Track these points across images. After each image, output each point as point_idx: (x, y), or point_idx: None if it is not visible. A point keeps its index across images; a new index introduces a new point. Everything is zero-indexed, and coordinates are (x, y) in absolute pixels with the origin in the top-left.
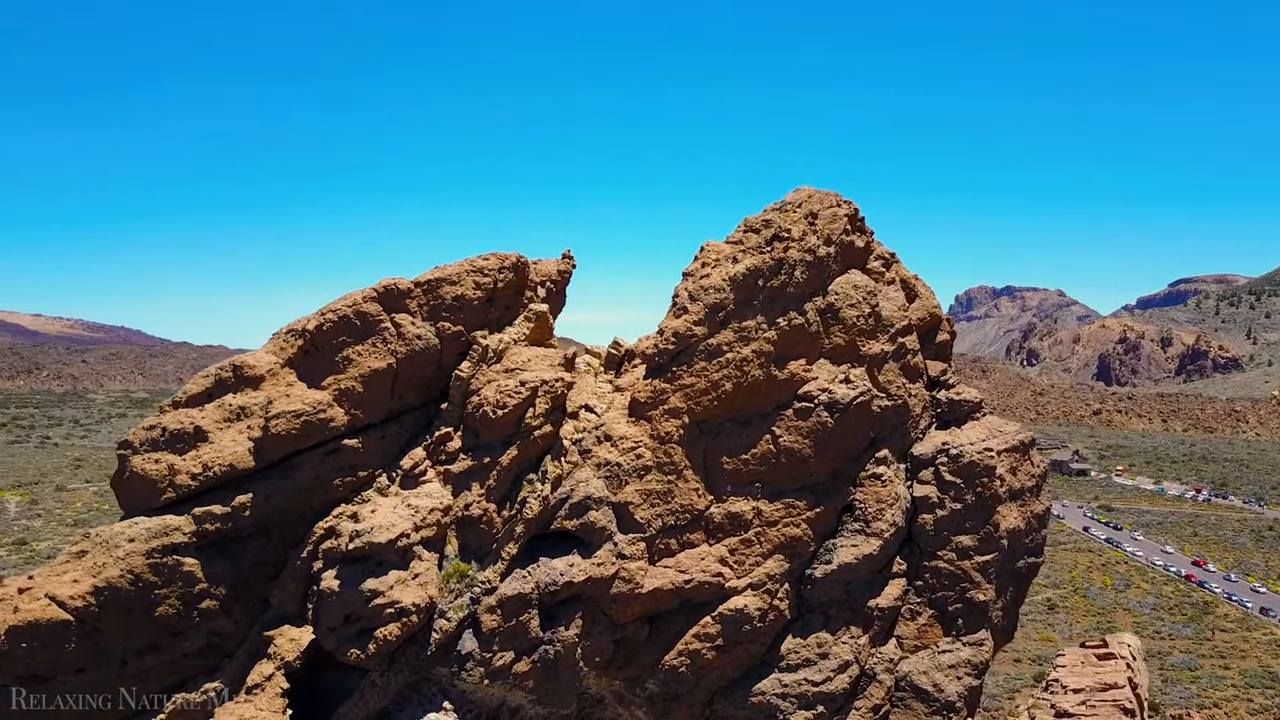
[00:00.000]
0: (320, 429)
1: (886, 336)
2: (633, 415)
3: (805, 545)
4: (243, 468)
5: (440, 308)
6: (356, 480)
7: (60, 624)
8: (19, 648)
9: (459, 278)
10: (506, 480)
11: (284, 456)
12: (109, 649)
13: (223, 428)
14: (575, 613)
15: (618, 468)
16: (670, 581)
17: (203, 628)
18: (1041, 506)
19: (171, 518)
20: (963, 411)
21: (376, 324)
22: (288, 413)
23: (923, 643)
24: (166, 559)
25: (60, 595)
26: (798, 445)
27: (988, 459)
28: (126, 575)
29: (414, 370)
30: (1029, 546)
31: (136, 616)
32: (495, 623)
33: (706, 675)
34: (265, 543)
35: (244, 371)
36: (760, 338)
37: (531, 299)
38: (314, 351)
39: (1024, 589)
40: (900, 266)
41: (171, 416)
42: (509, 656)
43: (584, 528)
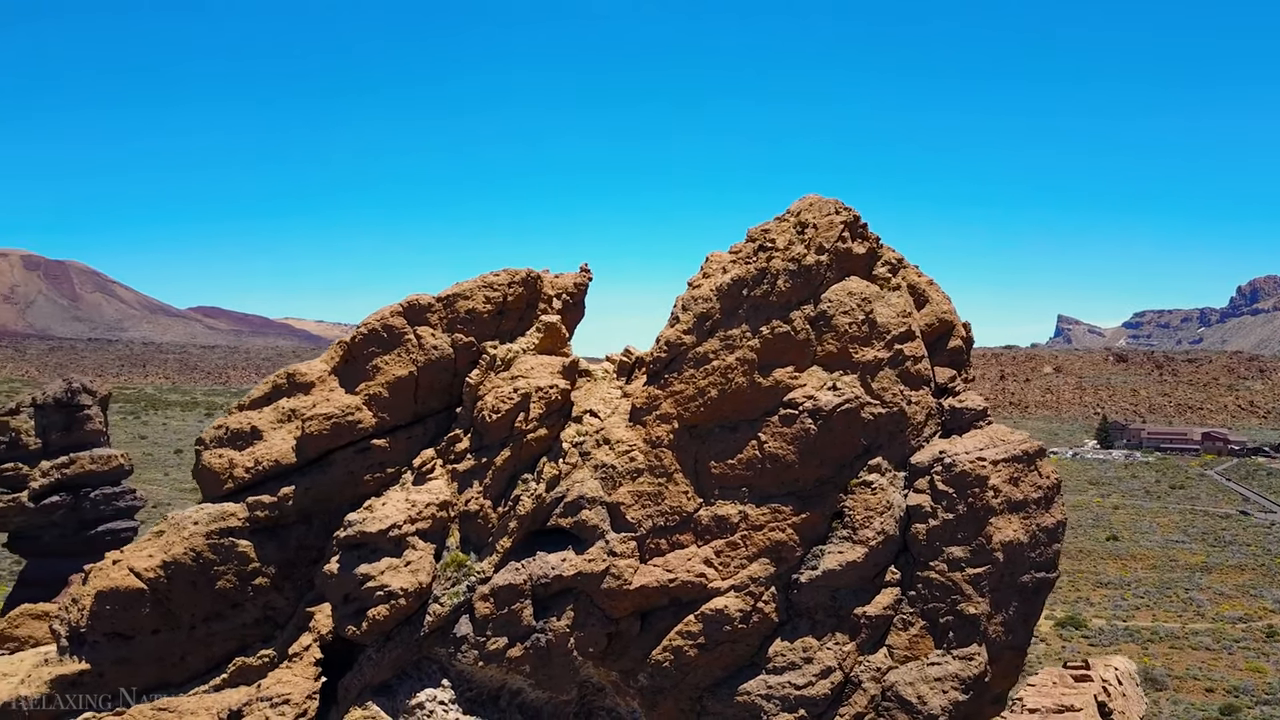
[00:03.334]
0: (349, 430)
1: (882, 343)
2: (631, 420)
3: (791, 550)
4: (286, 463)
5: (455, 320)
6: (385, 476)
7: (136, 591)
8: (105, 609)
9: (471, 293)
10: (501, 479)
11: (321, 454)
12: (178, 615)
13: (275, 428)
14: (567, 605)
15: (612, 469)
16: (656, 580)
17: (257, 601)
18: (1051, 520)
19: (229, 505)
20: (964, 419)
21: (401, 336)
22: (320, 415)
23: (913, 654)
24: (224, 540)
25: (137, 567)
26: (782, 451)
27: (979, 469)
28: (190, 553)
29: (433, 377)
30: (1036, 561)
31: (200, 588)
32: (488, 610)
33: (691, 672)
34: (307, 530)
35: (296, 378)
36: (744, 346)
37: (545, 310)
38: (351, 361)
39: (1035, 605)
40: (910, 272)
41: (235, 418)
42: (502, 641)
43: (578, 525)
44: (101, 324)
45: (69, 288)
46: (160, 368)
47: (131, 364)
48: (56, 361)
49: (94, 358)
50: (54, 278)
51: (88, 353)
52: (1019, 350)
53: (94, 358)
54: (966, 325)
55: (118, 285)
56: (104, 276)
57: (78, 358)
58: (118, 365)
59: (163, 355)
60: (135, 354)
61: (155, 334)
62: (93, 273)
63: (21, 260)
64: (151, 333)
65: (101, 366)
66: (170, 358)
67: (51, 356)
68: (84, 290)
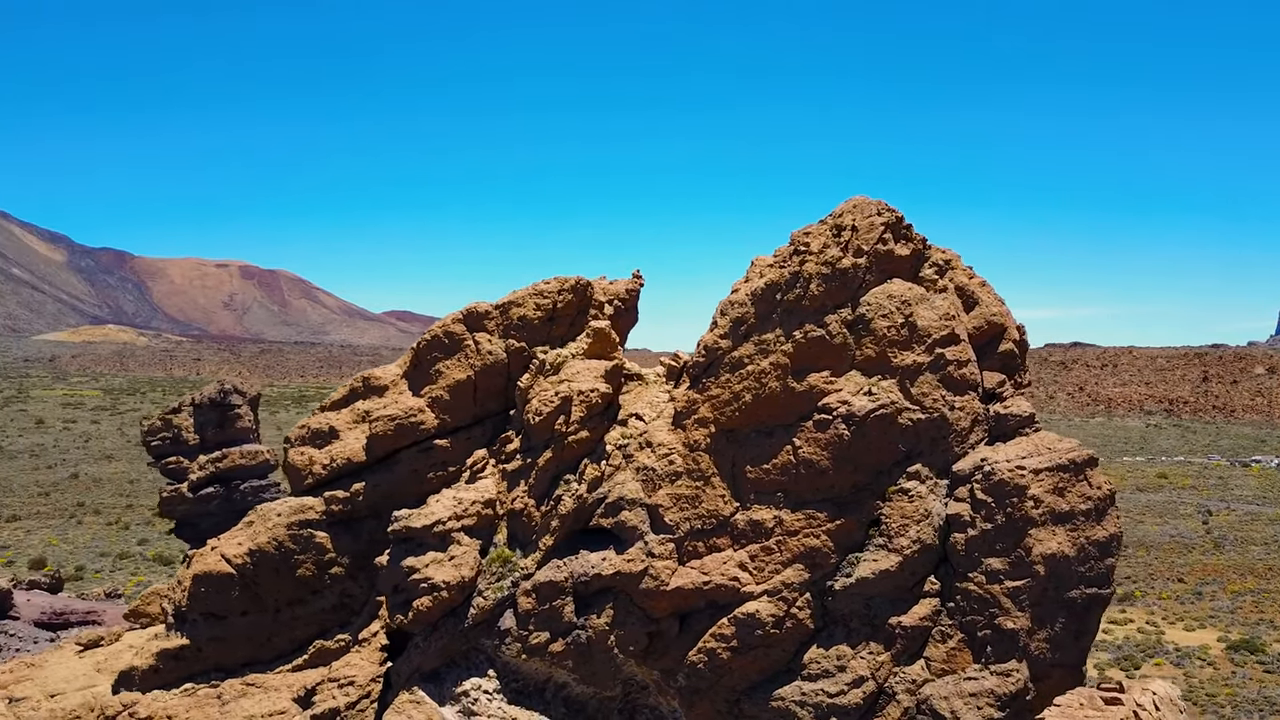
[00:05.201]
0: (411, 431)
1: (922, 347)
2: (674, 424)
3: (825, 557)
4: (358, 461)
5: (509, 327)
6: (447, 475)
7: (227, 575)
8: (200, 591)
9: (523, 300)
10: (544, 479)
11: (388, 453)
12: (264, 599)
13: (350, 428)
14: (607, 603)
15: (653, 472)
16: (692, 582)
17: (335, 589)
18: (1103, 533)
19: (308, 499)
20: (1009, 426)
21: (461, 341)
22: (385, 416)
23: (950, 667)
24: (302, 531)
25: (228, 554)
26: (815, 457)
27: (1018, 477)
28: (273, 542)
29: (489, 381)
30: (1085, 576)
31: (282, 575)
32: (531, 605)
33: (725, 675)
34: (378, 523)
35: (371, 382)
36: (778, 350)
37: (596, 316)
38: (418, 365)
39: (1087, 623)
40: (959, 273)
41: (316, 418)
42: (544, 636)
43: (618, 526)
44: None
45: (279, 295)
46: (354, 369)
47: (330, 365)
48: (265, 363)
49: (297, 359)
50: (266, 286)
51: (292, 354)
52: (1226, 349)
53: (297, 359)
54: (1020, 328)
55: (321, 292)
56: (309, 284)
57: (283, 359)
58: (317, 366)
59: (357, 357)
60: (334, 356)
61: (353, 337)
62: (299, 280)
63: (239, 270)
64: (350, 336)
65: (303, 368)
66: (364, 359)
67: (261, 358)
68: (291, 297)
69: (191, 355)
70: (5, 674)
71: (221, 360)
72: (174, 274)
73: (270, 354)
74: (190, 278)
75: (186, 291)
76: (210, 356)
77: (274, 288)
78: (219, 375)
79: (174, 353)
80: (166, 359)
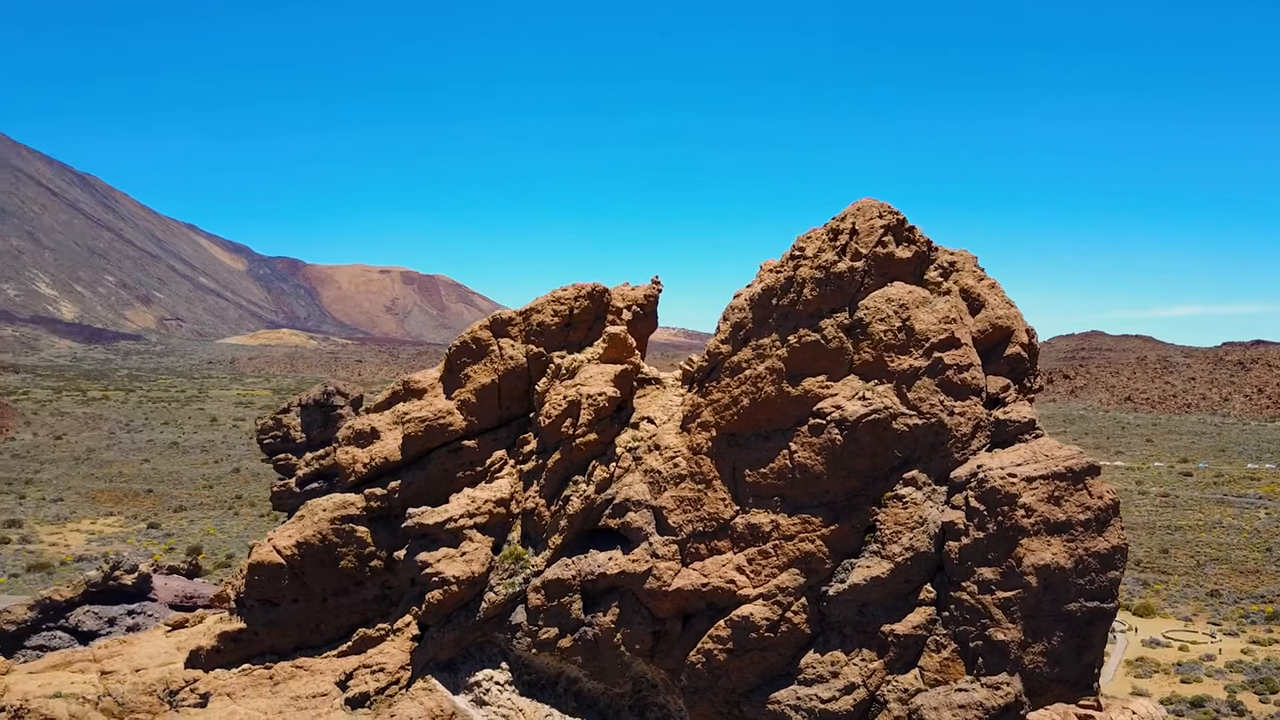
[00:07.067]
0: (441, 432)
1: (920, 351)
2: (682, 428)
3: (820, 562)
4: (394, 460)
5: (530, 333)
6: (474, 474)
7: (277, 566)
8: (255, 579)
9: (542, 307)
10: (554, 480)
11: (422, 453)
12: (312, 588)
13: (390, 429)
14: (613, 602)
15: (659, 474)
16: (692, 584)
17: (375, 580)
18: (1105, 545)
19: (350, 495)
20: (1009, 432)
21: (487, 347)
22: (417, 418)
23: (943, 677)
24: (345, 525)
25: (279, 545)
26: (810, 461)
27: (1009, 485)
28: (318, 535)
29: (511, 384)
30: (1084, 589)
31: (327, 566)
32: (540, 601)
33: (723, 676)
34: None
35: (411, 385)
36: (773, 354)
37: (614, 322)
38: (450, 370)
39: (1090, 637)
40: (964, 275)
41: (360, 420)
42: (553, 632)
43: (624, 527)
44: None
45: (437, 299)
46: None
47: None
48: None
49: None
50: (425, 290)
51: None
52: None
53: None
54: (1030, 331)
55: (477, 295)
56: (465, 288)
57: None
58: None
59: None
60: None
61: None
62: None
63: (400, 276)
64: None
65: None
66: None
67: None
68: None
69: (354, 357)
70: (102, 649)
71: (381, 362)
72: (341, 280)
73: (426, 355)
74: (356, 283)
75: (352, 297)
76: (371, 358)
77: (433, 292)
78: (379, 376)
79: (339, 355)
80: (332, 361)
